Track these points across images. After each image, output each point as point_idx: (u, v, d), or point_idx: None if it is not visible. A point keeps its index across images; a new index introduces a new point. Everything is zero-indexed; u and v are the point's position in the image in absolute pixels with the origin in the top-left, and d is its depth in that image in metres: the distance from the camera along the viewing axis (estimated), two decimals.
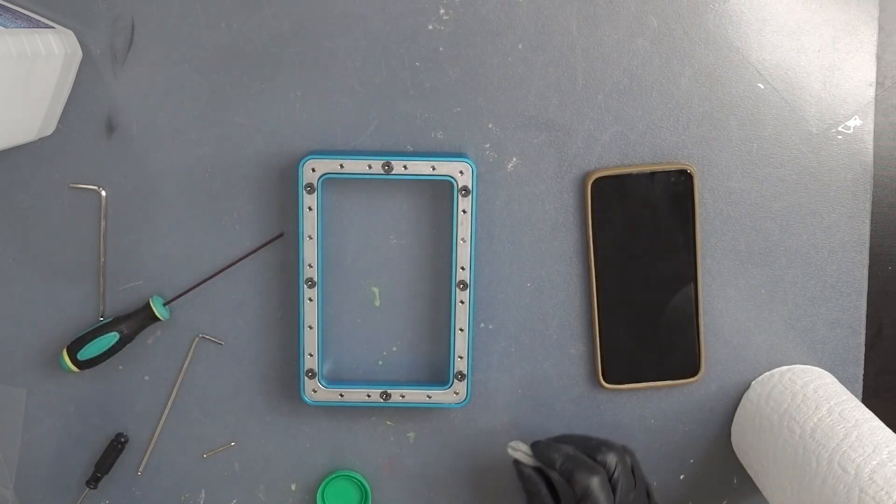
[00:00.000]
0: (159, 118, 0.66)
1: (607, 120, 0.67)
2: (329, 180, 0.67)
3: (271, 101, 0.66)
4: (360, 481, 0.71)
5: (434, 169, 0.65)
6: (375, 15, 0.65)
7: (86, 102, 0.66)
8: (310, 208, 0.66)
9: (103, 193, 0.67)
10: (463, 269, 0.67)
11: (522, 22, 0.66)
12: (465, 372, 0.68)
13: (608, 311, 0.69)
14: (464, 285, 0.67)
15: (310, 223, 0.66)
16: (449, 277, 0.68)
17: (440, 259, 0.69)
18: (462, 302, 0.67)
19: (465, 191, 0.66)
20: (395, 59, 0.66)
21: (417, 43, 0.66)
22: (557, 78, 0.67)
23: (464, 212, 0.66)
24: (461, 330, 0.68)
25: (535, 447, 0.65)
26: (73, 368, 0.67)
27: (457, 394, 0.69)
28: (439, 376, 0.71)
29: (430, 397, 0.69)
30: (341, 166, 0.65)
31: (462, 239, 0.66)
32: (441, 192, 0.68)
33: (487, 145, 0.67)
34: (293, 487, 0.72)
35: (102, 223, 0.68)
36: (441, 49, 0.66)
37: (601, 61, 0.66)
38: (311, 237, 0.66)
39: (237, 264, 0.68)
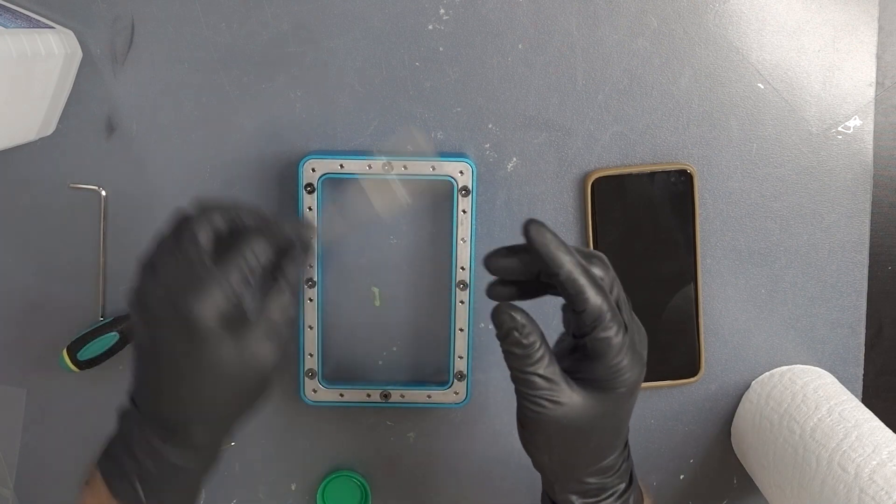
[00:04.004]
0: (159, 118, 0.66)
1: (607, 120, 0.67)
2: (328, 180, 0.67)
3: (271, 101, 0.66)
4: (360, 481, 0.71)
5: (434, 169, 0.65)
6: (375, 15, 0.65)
7: (86, 102, 0.66)
8: (310, 208, 0.66)
9: (103, 193, 0.67)
10: (463, 269, 0.67)
11: (522, 22, 0.66)
12: (466, 372, 0.68)
13: None
14: (464, 285, 0.67)
15: None
16: (449, 277, 0.68)
17: (440, 259, 0.69)
18: (462, 302, 0.67)
19: (465, 191, 0.66)
20: (395, 59, 0.66)
21: (417, 43, 0.66)
22: (557, 78, 0.67)
23: (464, 212, 0.66)
24: (461, 330, 0.68)
25: (532, 247, 0.49)
26: (73, 368, 0.67)
27: (457, 394, 0.69)
28: (439, 376, 0.71)
29: (430, 397, 0.69)
30: (341, 166, 0.65)
31: (462, 239, 0.66)
32: (441, 192, 0.68)
33: (487, 145, 0.67)
34: (293, 487, 0.72)
35: (102, 223, 0.68)
36: (441, 49, 0.66)
37: (601, 61, 0.66)
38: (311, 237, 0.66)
39: None
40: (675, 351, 0.70)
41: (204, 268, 0.48)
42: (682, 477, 0.73)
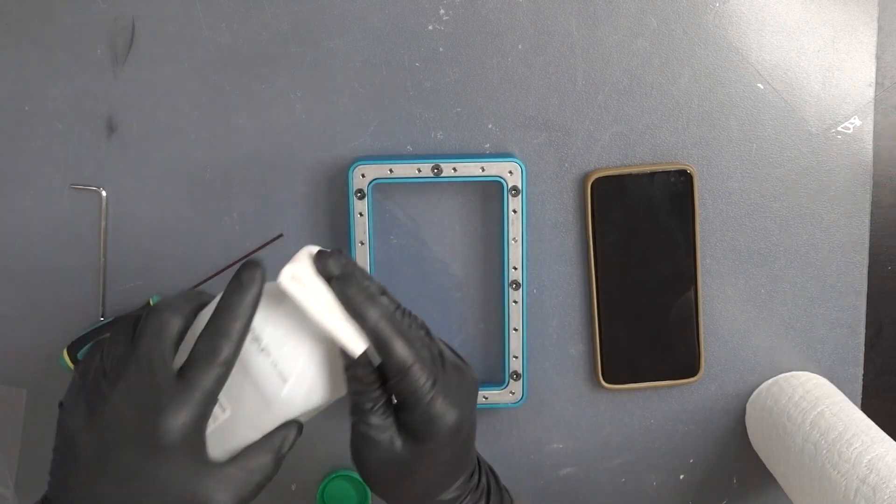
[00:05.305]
0: (159, 118, 0.66)
1: (607, 120, 0.67)
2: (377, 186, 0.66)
3: (271, 101, 0.66)
4: (360, 481, 0.71)
5: (483, 170, 0.65)
6: (375, 15, 0.65)
7: (86, 102, 0.66)
8: (360, 214, 0.66)
9: (103, 193, 0.67)
10: (515, 268, 0.67)
11: (522, 22, 0.66)
12: (521, 372, 0.68)
13: (608, 311, 0.69)
14: (516, 285, 0.67)
15: (361, 229, 0.66)
16: (500, 277, 0.68)
17: (491, 259, 0.68)
18: (515, 302, 0.67)
19: (515, 191, 0.66)
20: (395, 59, 0.66)
21: (417, 43, 0.66)
22: (557, 78, 0.67)
23: (514, 212, 0.66)
24: (515, 330, 0.68)
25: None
26: (73, 368, 0.67)
27: (513, 393, 0.69)
28: (494, 377, 0.70)
29: (486, 398, 0.69)
30: (391, 171, 0.65)
31: (513, 239, 0.66)
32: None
33: (487, 145, 0.67)
34: (293, 487, 0.72)
35: (102, 223, 0.68)
36: (441, 49, 0.66)
37: (601, 61, 0.66)
38: (362, 243, 0.66)
39: (237, 264, 0.68)
40: (675, 351, 0.70)
41: (173, 385, 0.45)
42: (681, 477, 0.73)
